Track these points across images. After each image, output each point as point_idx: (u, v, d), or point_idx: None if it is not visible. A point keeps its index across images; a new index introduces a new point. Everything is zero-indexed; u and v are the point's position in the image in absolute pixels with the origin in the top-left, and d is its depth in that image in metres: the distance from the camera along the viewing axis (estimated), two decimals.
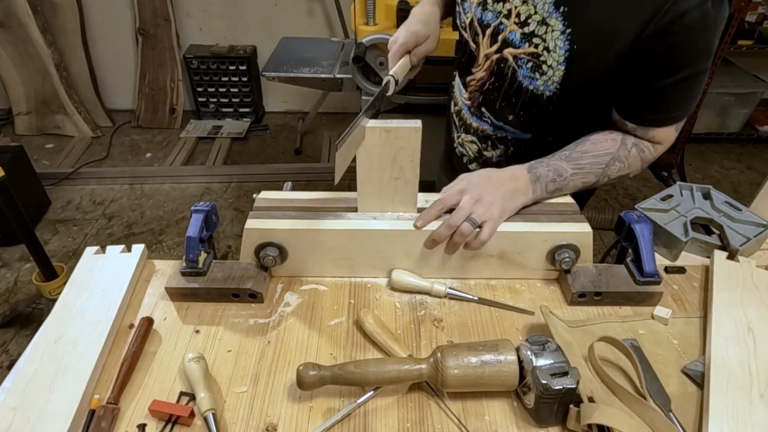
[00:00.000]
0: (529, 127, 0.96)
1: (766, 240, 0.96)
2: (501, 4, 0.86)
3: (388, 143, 0.76)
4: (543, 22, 0.82)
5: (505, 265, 0.86)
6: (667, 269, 0.90)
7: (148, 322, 0.77)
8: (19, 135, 3.13)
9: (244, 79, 3.16)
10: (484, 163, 1.07)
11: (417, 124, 0.75)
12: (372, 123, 0.75)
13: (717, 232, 0.95)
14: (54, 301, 0.81)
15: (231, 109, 3.30)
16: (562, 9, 0.79)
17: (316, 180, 2.85)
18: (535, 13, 0.82)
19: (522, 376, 0.65)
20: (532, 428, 0.66)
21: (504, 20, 0.87)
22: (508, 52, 0.88)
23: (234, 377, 0.72)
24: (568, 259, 0.82)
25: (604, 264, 0.87)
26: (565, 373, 0.62)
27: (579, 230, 0.82)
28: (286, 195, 0.90)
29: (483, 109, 1.00)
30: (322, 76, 2.49)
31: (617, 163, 0.87)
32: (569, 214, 0.86)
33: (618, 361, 0.72)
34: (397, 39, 0.90)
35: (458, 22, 0.98)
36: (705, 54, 0.77)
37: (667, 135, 0.86)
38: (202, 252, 0.84)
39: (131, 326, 0.79)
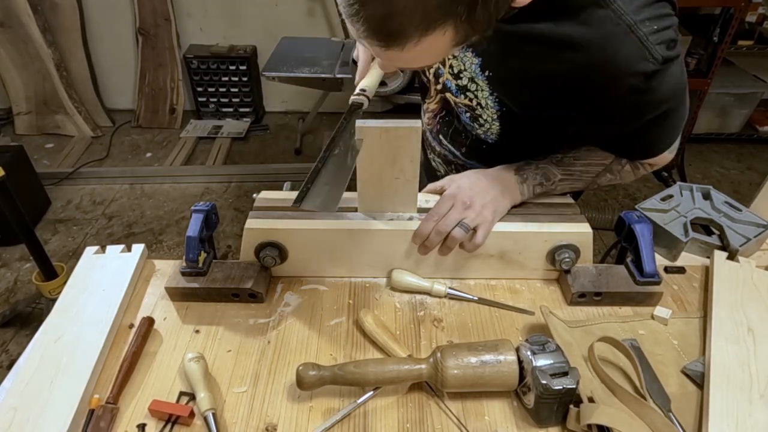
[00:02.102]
0: (482, 160, 0.94)
1: (766, 240, 0.96)
2: None
3: (387, 143, 0.76)
4: (473, 80, 0.82)
5: (505, 265, 0.86)
6: (667, 269, 0.90)
7: (149, 321, 0.77)
8: (19, 135, 3.13)
9: (245, 79, 3.16)
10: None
11: (417, 124, 0.75)
12: (372, 123, 0.75)
13: (717, 232, 0.95)
14: (54, 300, 0.81)
15: (231, 109, 3.30)
16: (486, 73, 0.79)
17: None
18: (465, 70, 0.82)
19: (522, 376, 0.65)
20: (532, 428, 0.66)
21: (441, 66, 0.87)
22: (449, 96, 0.88)
23: (234, 377, 0.72)
24: (568, 260, 0.82)
25: (604, 264, 0.87)
26: (565, 373, 0.62)
27: (579, 230, 0.82)
28: (287, 195, 0.90)
29: (440, 137, 1.00)
30: (323, 76, 2.49)
31: (608, 174, 0.86)
32: (569, 214, 0.86)
33: (618, 361, 0.72)
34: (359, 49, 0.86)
35: None
36: (671, 98, 0.72)
37: (662, 159, 0.84)
38: (202, 252, 0.84)
39: (131, 326, 0.79)
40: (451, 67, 0.84)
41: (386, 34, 0.51)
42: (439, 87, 0.90)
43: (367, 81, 0.80)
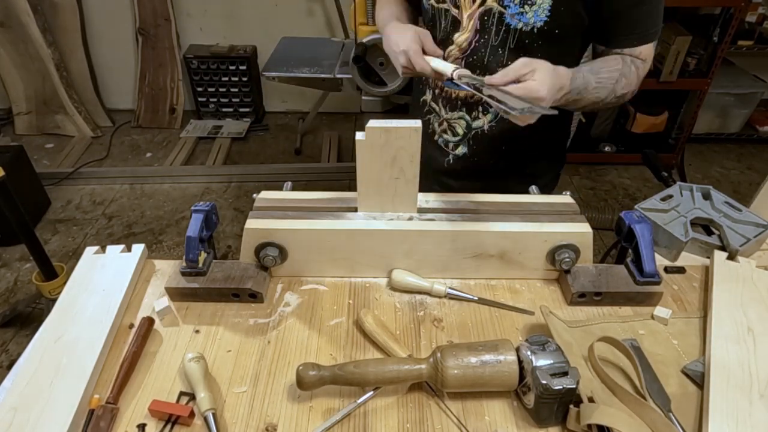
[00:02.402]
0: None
1: (766, 240, 0.96)
2: None
3: (388, 143, 0.76)
4: None
5: (505, 265, 0.86)
6: (667, 269, 0.90)
7: (149, 322, 0.77)
8: (19, 135, 3.13)
9: (245, 79, 3.16)
10: (473, 138, 1.07)
11: (417, 124, 0.75)
12: (372, 123, 0.75)
13: (717, 232, 0.95)
14: (54, 300, 0.81)
15: (231, 109, 3.30)
16: None
17: (316, 180, 2.85)
18: None
19: (522, 376, 0.65)
20: (532, 428, 0.66)
21: None
22: (490, 1, 0.92)
23: (234, 377, 0.72)
24: (568, 260, 0.82)
25: (604, 264, 0.87)
26: (565, 373, 0.62)
27: (579, 230, 0.82)
28: (286, 195, 0.90)
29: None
30: (322, 76, 2.49)
31: (623, 79, 0.92)
32: (569, 214, 0.86)
33: (618, 361, 0.72)
34: (407, 49, 0.88)
35: (431, 1, 0.99)
36: None
37: (650, 52, 0.94)
38: (202, 252, 0.84)
39: (131, 326, 0.79)
40: None
41: None
42: (476, 4, 0.93)
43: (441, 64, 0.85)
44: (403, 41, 0.89)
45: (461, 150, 1.09)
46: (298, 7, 3.05)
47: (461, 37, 0.98)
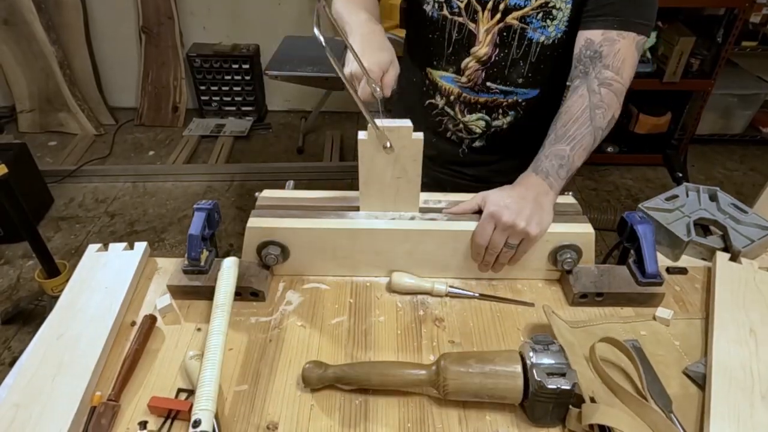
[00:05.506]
0: (537, 82, 0.99)
1: None
2: None
3: (390, 142, 0.76)
4: None
5: (506, 265, 0.86)
6: (669, 270, 0.90)
7: (151, 319, 0.77)
8: (23, 132, 3.14)
9: (247, 77, 3.16)
10: (493, 135, 1.06)
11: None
12: (375, 123, 0.75)
13: (720, 233, 0.95)
14: (56, 298, 0.81)
15: (234, 108, 3.30)
16: None
17: (318, 179, 2.85)
18: None
19: (526, 386, 0.64)
20: (532, 428, 0.66)
21: None
22: (511, 18, 0.91)
23: (235, 375, 0.72)
24: (570, 260, 0.82)
25: (606, 265, 0.86)
26: (563, 375, 0.62)
27: (581, 231, 0.82)
28: (289, 194, 0.90)
29: (489, 84, 1.00)
30: (325, 75, 2.49)
31: (598, 111, 0.85)
32: (571, 214, 0.86)
33: (619, 361, 0.72)
34: (369, 70, 0.77)
35: (444, 11, 0.95)
36: None
37: (629, 50, 0.86)
38: (204, 250, 0.84)
39: (133, 324, 0.79)
40: None
41: None
42: (496, 18, 0.91)
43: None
44: (370, 58, 0.78)
45: (477, 143, 1.09)
46: (302, 6, 3.04)
47: (480, 51, 0.96)
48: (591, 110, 0.85)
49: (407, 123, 0.75)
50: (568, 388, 0.61)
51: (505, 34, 0.93)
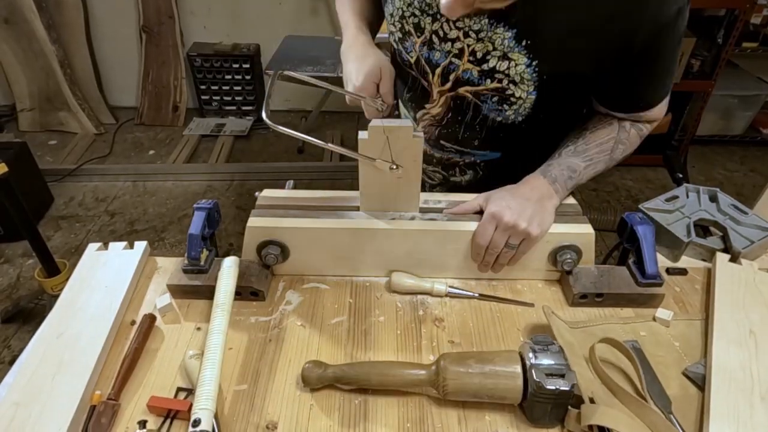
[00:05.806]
0: (498, 147, 0.94)
1: None
2: (449, 43, 0.82)
3: (390, 142, 0.76)
4: (504, 57, 0.79)
5: (506, 265, 0.86)
6: (669, 271, 0.90)
7: (151, 319, 0.77)
8: (23, 131, 3.14)
9: (248, 77, 3.16)
10: (453, 187, 1.03)
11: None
12: (375, 123, 0.75)
13: (719, 233, 0.95)
14: (56, 297, 0.81)
15: (234, 107, 3.30)
16: (524, 42, 0.76)
17: (318, 179, 2.85)
18: (494, 49, 0.79)
19: (526, 387, 0.64)
20: (532, 429, 0.66)
21: (454, 60, 0.83)
22: (464, 90, 0.86)
23: (235, 375, 0.72)
24: (569, 260, 0.82)
25: (605, 265, 0.86)
26: (562, 376, 0.62)
27: (581, 231, 0.82)
28: (289, 194, 0.90)
29: (443, 142, 0.96)
30: (326, 75, 2.49)
31: (620, 146, 0.86)
32: (571, 215, 0.86)
33: (619, 362, 0.72)
34: (360, 90, 0.80)
35: (398, 59, 0.93)
36: (681, 38, 0.77)
37: (660, 111, 0.86)
38: (204, 249, 0.84)
39: (133, 323, 0.79)
40: (473, 53, 0.80)
41: None
42: (447, 86, 0.86)
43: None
44: (358, 76, 0.80)
45: (439, 191, 1.05)
46: (302, 5, 3.05)
47: (433, 110, 0.92)
48: (615, 143, 0.85)
49: (407, 123, 0.75)
50: (566, 389, 0.61)
51: (459, 101, 0.88)
